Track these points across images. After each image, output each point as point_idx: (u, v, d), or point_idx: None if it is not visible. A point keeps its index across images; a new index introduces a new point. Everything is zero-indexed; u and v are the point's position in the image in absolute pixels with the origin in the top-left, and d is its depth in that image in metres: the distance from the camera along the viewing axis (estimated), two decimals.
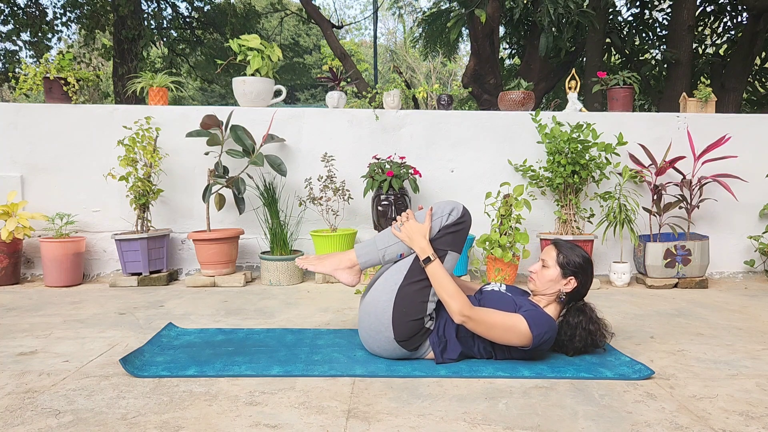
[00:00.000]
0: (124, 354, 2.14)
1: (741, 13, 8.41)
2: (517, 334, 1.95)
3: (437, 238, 2.08)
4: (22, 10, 10.14)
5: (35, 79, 3.97)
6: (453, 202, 2.15)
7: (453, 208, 2.12)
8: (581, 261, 2.11)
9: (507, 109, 4.19)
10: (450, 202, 2.14)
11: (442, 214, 2.11)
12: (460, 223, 2.11)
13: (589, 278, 2.14)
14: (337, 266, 2.17)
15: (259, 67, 3.91)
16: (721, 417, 1.63)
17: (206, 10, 11.96)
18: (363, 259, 2.16)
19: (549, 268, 2.13)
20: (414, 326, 2.02)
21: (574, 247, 2.15)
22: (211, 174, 3.71)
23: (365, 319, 2.10)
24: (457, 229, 2.10)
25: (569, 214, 3.76)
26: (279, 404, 1.69)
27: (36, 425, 1.54)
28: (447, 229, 2.09)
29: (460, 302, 1.95)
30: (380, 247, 2.14)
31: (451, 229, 2.09)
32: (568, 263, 2.10)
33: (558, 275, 2.11)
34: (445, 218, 2.10)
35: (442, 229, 2.09)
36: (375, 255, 2.15)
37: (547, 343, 2.00)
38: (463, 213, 2.12)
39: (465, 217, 2.12)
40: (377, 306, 2.05)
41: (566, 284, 2.10)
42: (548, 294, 2.13)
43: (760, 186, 4.12)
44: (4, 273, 3.60)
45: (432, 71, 24.03)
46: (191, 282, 3.63)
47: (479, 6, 6.30)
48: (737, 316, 2.89)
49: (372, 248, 2.16)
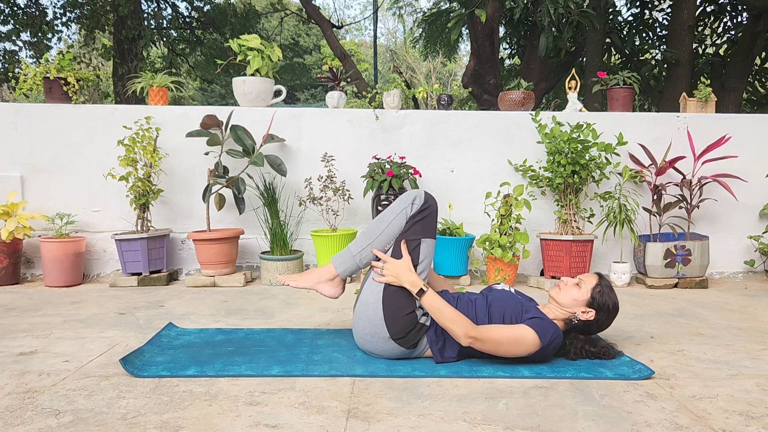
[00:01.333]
0: (124, 354, 2.14)
1: (741, 13, 8.41)
2: (524, 345, 1.94)
3: (407, 230, 2.09)
4: (22, 10, 10.14)
5: (35, 79, 3.97)
6: (414, 190, 2.15)
7: (415, 196, 2.12)
8: (611, 305, 2.10)
9: (507, 109, 4.19)
10: (411, 192, 2.14)
11: (405, 205, 2.11)
12: (425, 209, 2.10)
13: (606, 322, 2.11)
14: (318, 280, 2.19)
15: (259, 67, 3.91)
16: (721, 417, 1.63)
17: (206, 10, 11.96)
18: (341, 268, 2.17)
19: (581, 290, 2.10)
20: (407, 321, 2.02)
21: (612, 290, 2.13)
22: (211, 174, 3.71)
23: (359, 324, 2.10)
24: (424, 215, 2.10)
25: (569, 214, 3.76)
26: (279, 404, 1.69)
27: (36, 425, 1.54)
28: (414, 219, 2.10)
29: (462, 325, 1.93)
30: (354, 252, 2.15)
31: (417, 217, 2.10)
32: (600, 297, 2.08)
33: (584, 301, 2.08)
34: (410, 208, 2.10)
35: (410, 219, 2.10)
36: (351, 262, 2.16)
37: (552, 350, 2.01)
38: (425, 198, 2.12)
39: (429, 202, 2.12)
40: (367, 309, 2.06)
41: (585, 313, 2.07)
42: (563, 310, 2.10)
43: (760, 186, 4.12)
44: (4, 273, 3.60)
45: (432, 71, 24.04)
46: (191, 282, 3.63)
47: (479, 6, 6.30)
48: (737, 316, 2.89)
49: (347, 256, 2.16)
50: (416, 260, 2.08)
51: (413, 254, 2.07)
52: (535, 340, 1.94)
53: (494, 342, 1.94)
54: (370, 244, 2.13)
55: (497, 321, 2.05)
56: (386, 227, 2.12)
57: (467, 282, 3.70)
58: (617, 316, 2.18)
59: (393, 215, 2.12)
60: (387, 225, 2.12)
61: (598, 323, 2.10)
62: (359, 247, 2.15)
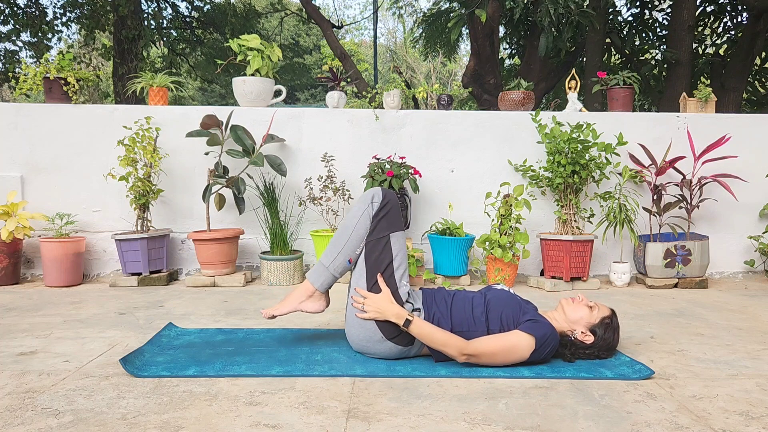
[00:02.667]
0: (124, 354, 2.14)
1: (741, 13, 8.41)
2: (520, 351, 1.95)
3: (373, 229, 2.09)
4: (22, 10, 10.14)
5: (35, 79, 3.97)
6: (371, 189, 2.15)
7: (373, 194, 2.12)
8: (611, 341, 2.09)
9: (507, 109, 4.19)
10: (368, 191, 2.15)
11: (365, 206, 2.11)
12: (386, 205, 2.11)
13: (602, 353, 2.09)
14: (299, 300, 2.18)
15: (259, 67, 3.91)
16: (721, 417, 1.63)
17: (206, 10, 11.96)
18: (317, 283, 2.16)
19: (592, 313, 2.09)
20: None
21: (618, 331, 2.13)
22: (211, 174, 3.71)
23: (352, 331, 2.11)
24: (386, 211, 2.10)
25: (569, 214, 3.76)
26: (279, 404, 1.69)
27: (36, 425, 1.54)
28: (377, 217, 2.10)
29: (455, 347, 1.94)
30: (327, 264, 2.14)
31: (380, 214, 2.10)
32: (605, 330, 2.07)
33: (590, 324, 2.08)
34: (371, 208, 2.11)
35: (373, 218, 2.10)
36: (326, 274, 2.15)
37: (548, 351, 2.00)
38: (384, 194, 2.12)
39: (387, 197, 2.13)
40: (357, 318, 2.07)
41: (584, 334, 2.07)
42: (566, 323, 2.10)
43: (760, 186, 4.12)
44: (4, 273, 3.60)
45: (432, 71, 24.03)
46: (191, 282, 3.63)
47: (479, 6, 6.30)
48: (737, 316, 2.89)
49: (321, 269, 2.15)
50: (390, 257, 2.08)
51: (385, 252, 2.08)
52: (530, 344, 1.94)
53: (489, 354, 1.95)
54: (340, 253, 2.12)
55: (495, 322, 2.04)
56: (352, 232, 2.10)
57: (467, 282, 3.70)
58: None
59: (356, 219, 2.11)
60: (353, 229, 2.11)
61: (590, 351, 2.08)
62: (330, 258, 2.13)
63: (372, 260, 2.08)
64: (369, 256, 2.08)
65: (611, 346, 2.10)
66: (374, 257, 2.08)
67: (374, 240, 2.09)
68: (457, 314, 2.07)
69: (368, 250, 2.09)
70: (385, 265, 2.07)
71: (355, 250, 2.11)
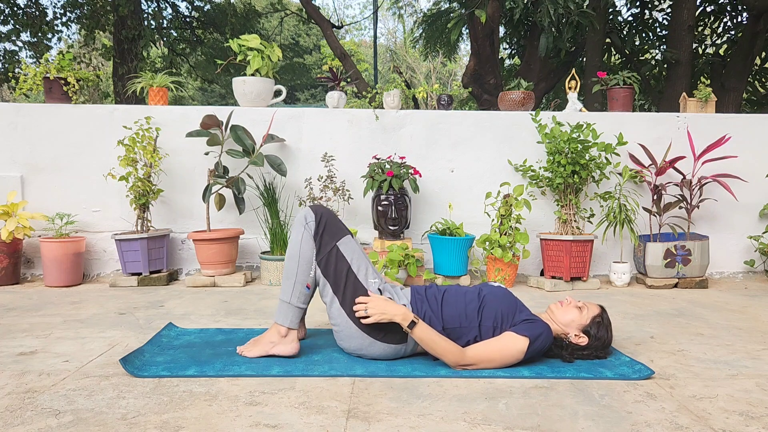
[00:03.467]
0: (124, 354, 2.14)
1: (741, 13, 8.41)
2: (515, 353, 1.95)
3: (319, 248, 2.07)
4: (22, 10, 10.14)
5: (35, 79, 3.97)
6: (301, 211, 2.14)
7: (305, 215, 2.10)
8: (606, 338, 2.09)
9: (507, 109, 4.19)
10: (299, 214, 2.13)
11: (302, 229, 2.09)
12: (320, 220, 2.10)
13: (595, 353, 2.09)
14: (272, 343, 2.11)
15: (259, 67, 3.91)
16: (721, 417, 1.63)
17: (206, 10, 11.96)
18: (286, 321, 2.10)
19: (582, 314, 2.09)
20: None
21: (610, 328, 2.12)
22: (211, 174, 3.71)
23: (344, 344, 2.11)
24: (324, 225, 2.09)
25: (569, 214, 3.76)
26: (279, 404, 1.69)
27: (36, 425, 1.54)
28: (318, 234, 2.08)
29: (453, 356, 1.94)
30: (286, 299, 2.09)
31: (319, 230, 2.09)
32: (597, 329, 2.07)
33: (582, 325, 2.07)
34: (308, 229, 2.08)
35: (315, 237, 2.08)
36: (289, 309, 2.09)
37: (539, 348, 2.00)
38: (314, 211, 2.11)
39: (317, 211, 2.11)
40: (343, 332, 2.07)
41: (578, 337, 2.07)
42: (558, 326, 2.10)
43: (760, 186, 4.12)
44: (4, 273, 3.60)
45: (432, 71, 24.03)
46: (191, 282, 3.63)
47: (479, 6, 6.30)
48: (737, 316, 2.89)
49: (284, 307, 2.10)
50: (346, 264, 2.06)
51: (339, 262, 2.06)
52: (524, 345, 1.94)
53: (486, 361, 1.96)
54: (296, 282, 2.08)
55: (488, 318, 2.04)
56: (299, 258, 2.08)
57: (467, 282, 3.70)
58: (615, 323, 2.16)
59: (298, 244, 2.09)
60: (299, 255, 2.08)
61: (587, 351, 2.08)
62: (288, 292, 2.09)
63: (331, 274, 2.06)
64: (326, 272, 2.07)
65: (606, 344, 2.10)
66: (332, 270, 2.06)
67: (324, 256, 2.07)
68: (448, 311, 2.06)
69: (324, 268, 2.07)
70: (344, 273, 2.06)
71: (308, 274, 2.08)
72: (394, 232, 3.72)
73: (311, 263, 2.09)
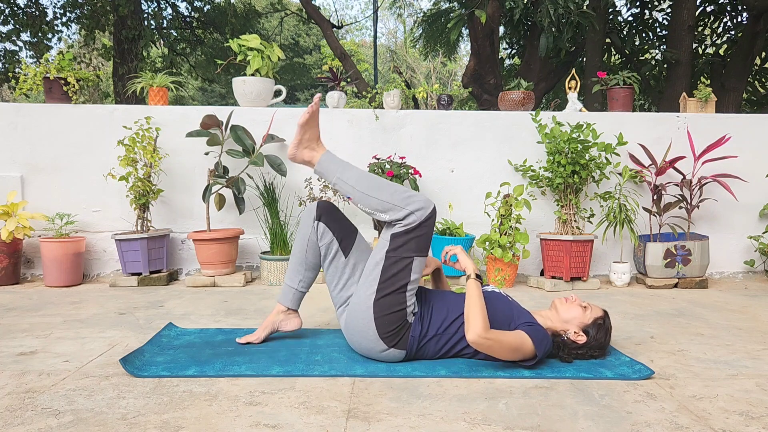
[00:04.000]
0: (124, 354, 2.14)
1: (741, 13, 8.41)
2: (523, 352, 1.94)
3: (401, 245, 2.01)
4: (22, 10, 10.14)
5: (35, 79, 3.97)
6: (418, 196, 2.06)
7: (423, 203, 2.03)
8: (603, 341, 2.09)
9: (507, 109, 4.19)
10: (416, 195, 2.06)
11: (415, 210, 2.02)
12: (427, 222, 2.03)
13: (591, 351, 2.08)
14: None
15: (259, 67, 3.91)
16: (721, 417, 1.63)
17: (206, 10, 11.96)
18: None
19: (585, 313, 2.09)
20: (399, 330, 2.02)
21: (610, 332, 2.12)
22: (211, 174, 3.71)
23: (354, 339, 2.09)
24: (423, 231, 2.03)
25: (569, 214, 3.76)
26: (279, 404, 1.69)
27: (36, 425, 1.54)
28: (412, 231, 2.02)
29: (484, 322, 1.90)
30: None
31: (418, 232, 2.02)
32: (597, 331, 2.07)
33: (583, 324, 2.08)
34: (414, 217, 2.01)
35: (409, 231, 2.02)
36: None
37: (545, 354, 2.00)
38: (432, 210, 2.04)
39: (434, 214, 2.06)
40: (359, 330, 2.04)
41: (578, 335, 2.07)
42: (558, 323, 2.10)
43: (760, 186, 4.12)
44: (4, 273, 3.60)
45: (432, 71, 24.03)
46: (191, 282, 3.63)
47: (479, 6, 6.30)
48: (737, 316, 2.89)
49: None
50: (407, 279, 2.02)
51: (404, 272, 2.02)
52: (531, 349, 1.94)
53: (501, 345, 1.90)
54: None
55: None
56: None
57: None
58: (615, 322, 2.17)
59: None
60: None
61: (582, 350, 2.08)
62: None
63: (388, 276, 2.00)
64: (387, 270, 2.01)
65: (603, 345, 2.10)
66: (391, 274, 2.00)
67: (397, 257, 2.00)
68: (437, 317, 2.08)
69: (387, 265, 2.01)
70: (398, 285, 2.00)
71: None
72: None
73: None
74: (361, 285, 2.08)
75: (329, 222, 2.23)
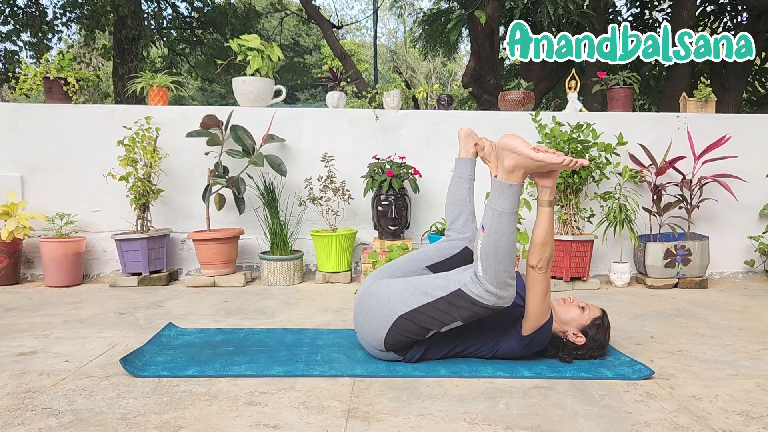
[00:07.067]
0: (124, 354, 2.14)
1: (741, 13, 8.41)
2: (545, 307, 1.95)
3: (476, 306, 1.88)
4: (22, 10, 10.13)
5: (35, 79, 3.97)
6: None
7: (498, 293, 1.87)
8: (602, 341, 2.09)
9: (507, 109, 4.19)
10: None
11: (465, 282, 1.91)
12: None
13: (590, 352, 2.09)
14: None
15: (259, 67, 3.91)
16: (721, 417, 1.63)
17: (206, 10, 11.96)
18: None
19: (583, 314, 2.09)
20: (404, 347, 2.03)
21: (609, 332, 2.13)
22: (211, 174, 3.71)
23: (360, 323, 2.09)
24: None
25: (569, 214, 3.76)
26: (279, 404, 1.69)
27: (36, 425, 1.54)
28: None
29: (551, 255, 1.92)
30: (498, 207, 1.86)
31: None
32: (596, 331, 2.07)
33: (581, 325, 2.07)
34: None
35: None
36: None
37: (537, 345, 2.02)
38: (500, 307, 1.91)
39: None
40: (370, 326, 2.03)
41: (577, 336, 2.07)
42: (557, 324, 2.10)
43: (760, 186, 4.12)
44: (4, 273, 3.60)
45: (432, 71, 24.03)
46: (191, 282, 3.63)
47: (479, 7, 6.30)
48: (737, 316, 2.89)
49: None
50: (439, 326, 1.96)
51: (441, 319, 1.94)
52: (548, 308, 1.97)
53: (545, 283, 1.92)
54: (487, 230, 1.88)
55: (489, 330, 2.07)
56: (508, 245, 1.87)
57: None
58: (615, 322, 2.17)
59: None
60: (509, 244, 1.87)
61: (582, 351, 2.08)
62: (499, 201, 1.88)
63: (427, 314, 1.93)
64: (430, 308, 1.92)
65: (602, 345, 2.10)
66: (431, 315, 1.93)
67: (446, 309, 1.91)
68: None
69: (433, 305, 1.92)
70: (427, 326, 1.95)
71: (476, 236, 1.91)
72: (394, 232, 3.72)
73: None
74: (402, 290, 2.00)
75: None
